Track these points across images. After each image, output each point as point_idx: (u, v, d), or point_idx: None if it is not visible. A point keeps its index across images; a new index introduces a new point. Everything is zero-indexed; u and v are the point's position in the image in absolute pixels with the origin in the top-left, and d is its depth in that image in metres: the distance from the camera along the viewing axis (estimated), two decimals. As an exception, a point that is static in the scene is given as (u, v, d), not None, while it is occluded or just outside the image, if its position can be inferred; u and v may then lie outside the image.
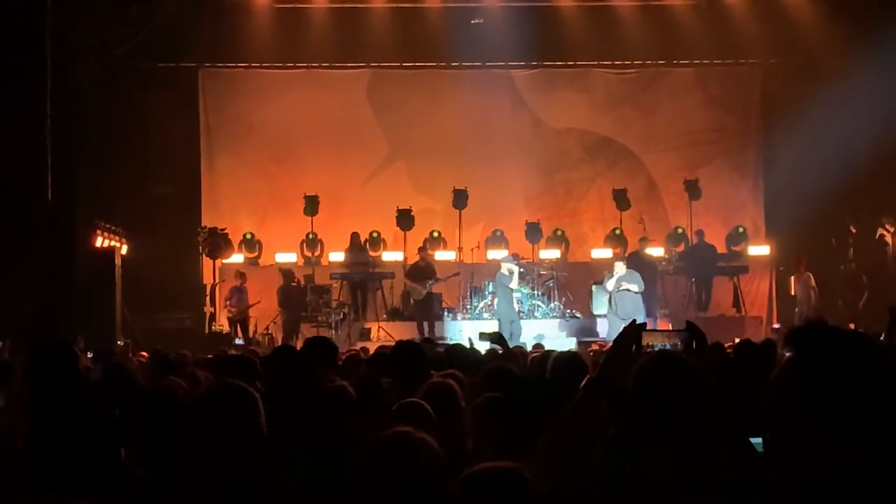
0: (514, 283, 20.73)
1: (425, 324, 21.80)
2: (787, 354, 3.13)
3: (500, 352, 8.49)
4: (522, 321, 21.01)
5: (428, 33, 24.58)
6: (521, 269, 21.51)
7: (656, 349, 4.11)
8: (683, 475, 3.60)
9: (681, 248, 24.25)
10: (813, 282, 22.45)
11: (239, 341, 20.05)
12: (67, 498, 4.17)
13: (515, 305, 21.12)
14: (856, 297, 22.29)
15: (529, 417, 5.06)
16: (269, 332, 22.23)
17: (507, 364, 6.99)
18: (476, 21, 24.54)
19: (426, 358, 6.53)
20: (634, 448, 3.82)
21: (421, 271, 22.23)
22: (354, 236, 23.64)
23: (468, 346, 9.94)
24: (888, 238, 22.75)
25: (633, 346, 4.08)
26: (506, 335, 14.51)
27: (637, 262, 21.70)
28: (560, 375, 5.28)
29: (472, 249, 23.94)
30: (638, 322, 4.29)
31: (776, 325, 22.56)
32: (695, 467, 3.61)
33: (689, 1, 24.16)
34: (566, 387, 4.48)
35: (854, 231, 23.35)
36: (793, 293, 23.13)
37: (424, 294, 22.00)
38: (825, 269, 23.11)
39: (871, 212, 23.17)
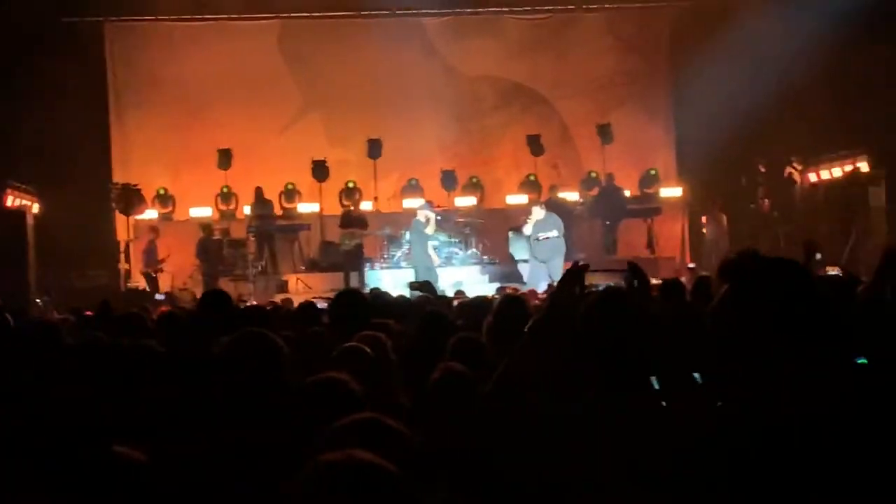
0: (430, 230, 20.61)
1: (353, 274, 21.70)
2: (722, 288, 3.11)
3: (430, 298, 8.56)
4: (440, 269, 21.03)
5: (337, -19, 24.41)
6: (438, 217, 21.49)
7: (600, 288, 4.20)
8: (629, 414, 3.64)
9: (594, 192, 24.44)
10: (725, 221, 22.84)
11: (160, 296, 19.87)
12: None
13: (432, 253, 21.11)
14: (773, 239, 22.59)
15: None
16: (187, 286, 22.06)
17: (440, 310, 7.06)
18: (386, -32, 24.39)
19: (367, 306, 6.52)
20: (579, 389, 3.84)
21: (354, 220, 22.18)
22: (258, 191, 23.51)
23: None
24: (796, 176, 23.17)
25: (577, 287, 4.15)
26: (425, 283, 14.56)
27: (552, 209, 21.90)
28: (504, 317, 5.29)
29: (387, 199, 23.92)
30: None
31: (691, 265, 22.91)
32: (640, 405, 3.66)
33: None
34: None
35: (763, 171, 23.73)
36: (704, 232, 23.55)
37: (354, 245, 21.81)
38: (736, 208, 23.52)
39: (779, 151, 23.52)
